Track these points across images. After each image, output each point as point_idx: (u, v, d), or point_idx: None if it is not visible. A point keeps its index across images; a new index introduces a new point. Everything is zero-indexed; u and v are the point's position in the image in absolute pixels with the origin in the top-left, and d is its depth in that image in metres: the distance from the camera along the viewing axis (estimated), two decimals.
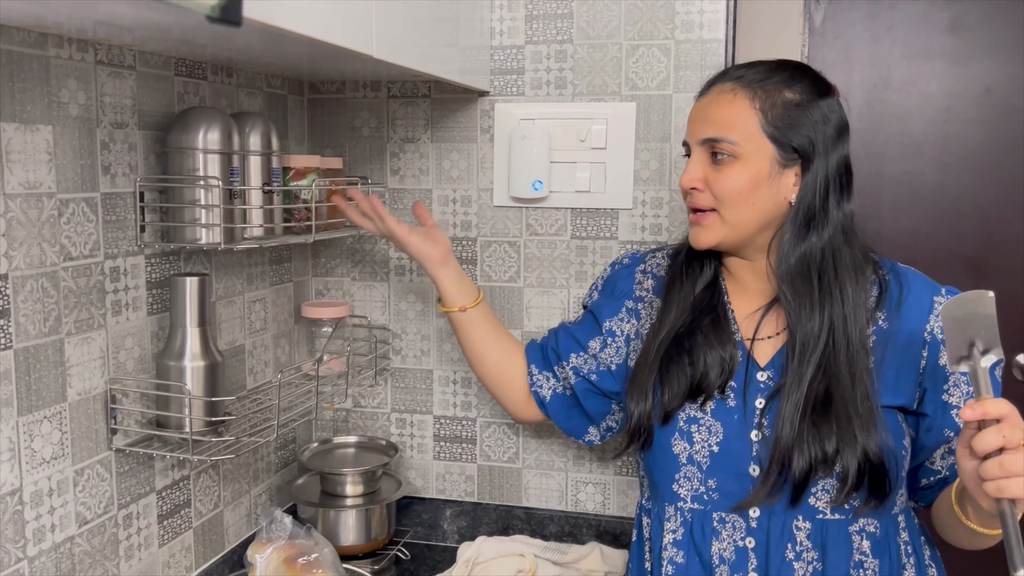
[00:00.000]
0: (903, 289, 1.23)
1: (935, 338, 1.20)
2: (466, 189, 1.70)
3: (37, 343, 1.11)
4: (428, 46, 1.41)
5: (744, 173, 1.18)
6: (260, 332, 1.62)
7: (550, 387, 1.43)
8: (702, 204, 1.21)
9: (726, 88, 1.21)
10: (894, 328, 1.21)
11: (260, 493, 1.64)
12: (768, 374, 1.23)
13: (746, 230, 1.21)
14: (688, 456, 1.23)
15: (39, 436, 1.12)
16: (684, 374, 1.24)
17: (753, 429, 1.21)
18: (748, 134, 1.18)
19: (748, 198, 1.19)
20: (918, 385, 1.21)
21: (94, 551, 1.22)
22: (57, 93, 1.12)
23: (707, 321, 1.26)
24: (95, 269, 1.20)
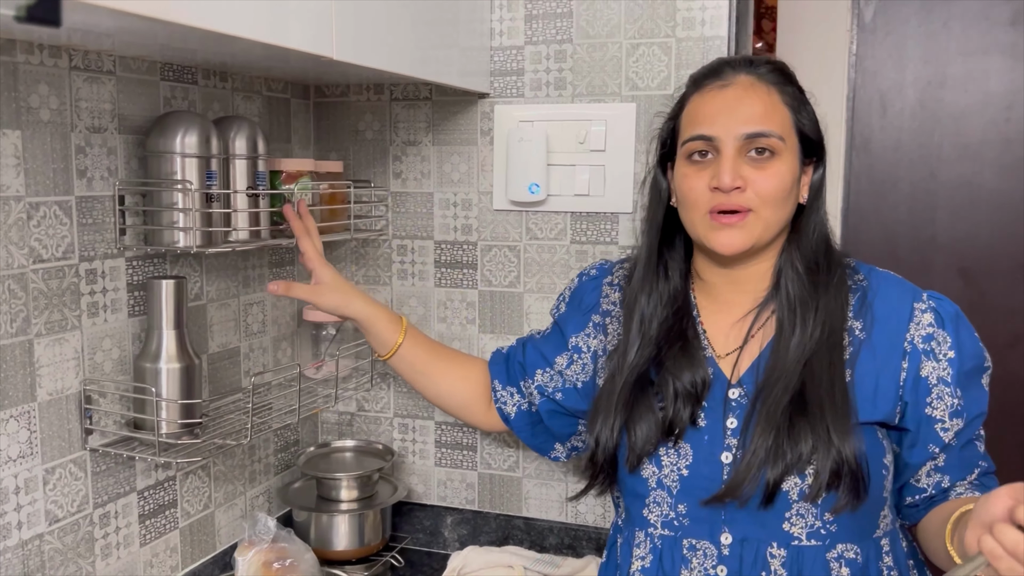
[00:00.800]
0: (880, 296, 1.17)
1: (916, 348, 1.14)
2: (467, 193, 1.67)
3: (3, 343, 1.13)
4: (426, 49, 1.40)
5: (787, 170, 1.13)
6: (258, 335, 1.63)
7: (515, 403, 1.39)
8: (742, 204, 1.12)
9: (752, 82, 1.15)
10: (872, 338, 1.15)
11: (257, 495, 1.65)
12: (740, 391, 1.16)
13: (774, 232, 1.16)
14: (657, 480, 1.18)
15: (4, 435, 1.14)
16: (654, 415, 1.17)
17: (723, 451, 1.15)
18: (786, 130, 1.14)
19: (787, 197, 1.14)
20: (898, 399, 1.13)
21: (66, 549, 1.23)
22: (26, 98, 1.14)
23: (676, 348, 1.19)
24: (68, 271, 1.22)
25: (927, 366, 1.13)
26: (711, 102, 1.15)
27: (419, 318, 1.73)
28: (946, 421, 1.14)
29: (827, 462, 1.07)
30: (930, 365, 1.13)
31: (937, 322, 1.14)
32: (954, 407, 1.13)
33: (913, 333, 1.14)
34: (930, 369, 1.13)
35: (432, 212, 1.70)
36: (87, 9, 0.80)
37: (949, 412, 1.13)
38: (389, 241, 1.74)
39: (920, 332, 1.14)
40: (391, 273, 1.75)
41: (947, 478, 1.16)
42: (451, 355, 1.45)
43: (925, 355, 1.13)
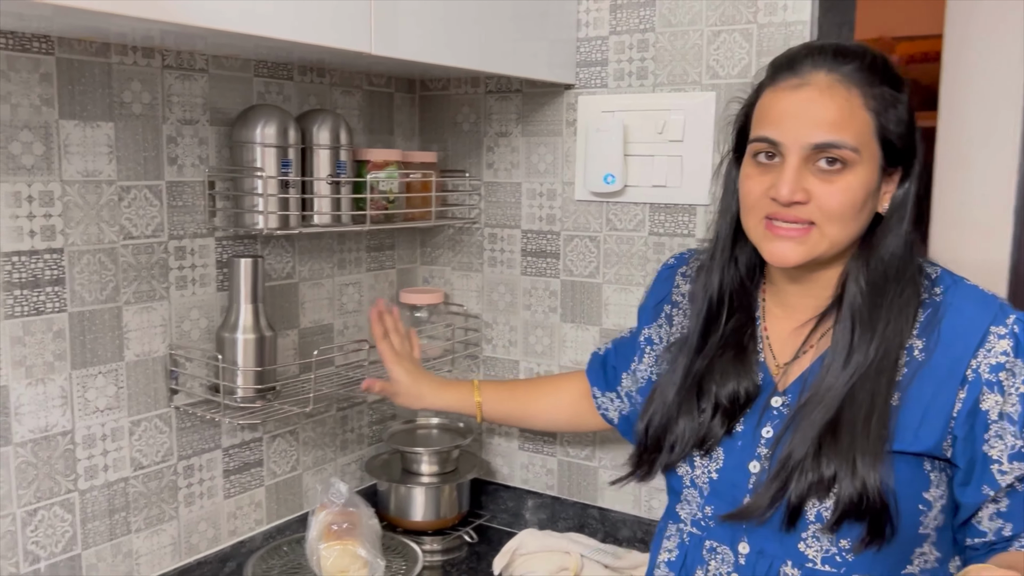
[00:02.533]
0: (952, 313, 1.04)
1: (980, 377, 1.01)
2: (551, 183, 1.70)
3: (93, 308, 1.30)
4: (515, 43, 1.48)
5: (859, 184, 1.03)
6: (353, 313, 1.74)
7: (616, 409, 1.40)
8: (803, 217, 1.04)
9: (831, 83, 1.03)
10: (931, 360, 1.03)
11: (349, 463, 1.76)
12: (785, 399, 1.11)
13: (840, 247, 1.06)
14: (691, 480, 1.16)
15: (93, 388, 1.31)
16: (692, 422, 1.14)
17: (753, 460, 1.10)
18: (864, 139, 1.03)
19: (859, 213, 1.04)
20: (947, 431, 1.02)
21: (149, 492, 1.40)
22: (119, 94, 1.30)
23: (729, 353, 1.15)
24: (158, 248, 1.37)
25: (989, 399, 1.00)
26: (782, 102, 1.05)
27: (506, 305, 1.78)
28: (1004, 463, 1.00)
29: (850, 491, 1.00)
30: (993, 399, 1.00)
31: (1016, 351, 1.01)
32: (1016, 449, 1.00)
33: (981, 360, 1.01)
34: (993, 403, 1.00)
35: (520, 202, 1.74)
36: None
37: (1009, 454, 1.00)
38: (482, 229, 1.79)
39: (990, 360, 1.01)
40: (483, 260, 1.80)
41: (1010, 526, 1.03)
42: (539, 390, 1.50)
43: (989, 387, 1.00)
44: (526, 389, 1.50)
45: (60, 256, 1.25)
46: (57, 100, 1.23)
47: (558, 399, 1.45)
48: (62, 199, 1.24)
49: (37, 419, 1.24)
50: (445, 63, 1.37)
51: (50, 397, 1.25)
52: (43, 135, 1.22)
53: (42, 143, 1.22)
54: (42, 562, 1.26)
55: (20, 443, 1.23)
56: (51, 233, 1.24)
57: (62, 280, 1.26)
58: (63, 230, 1.25)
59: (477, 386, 1.48)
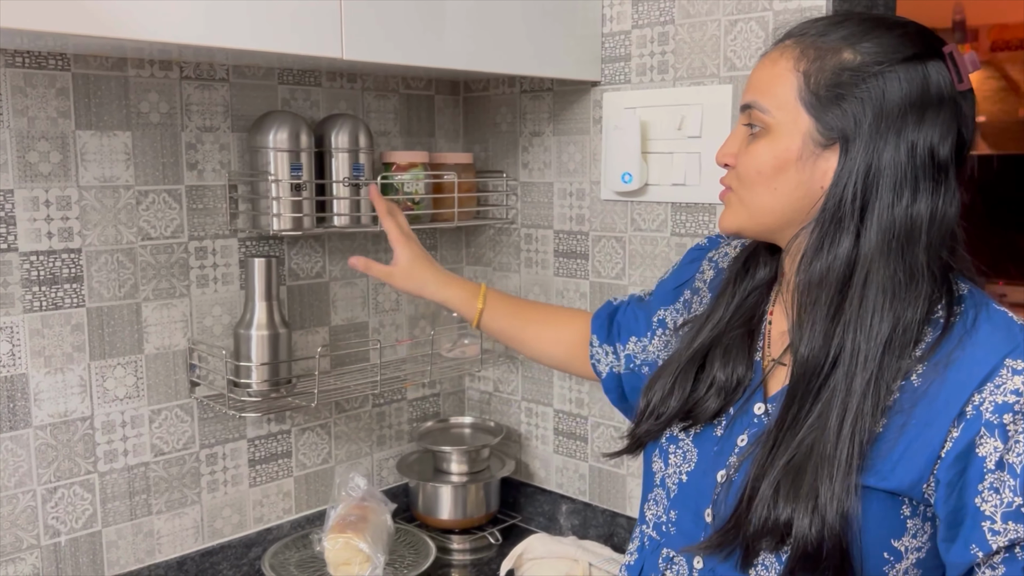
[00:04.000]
0: (969, 339, 0.89)
1: (981, 415, 0.85)
2: (580, 182, 1.67)
3: (111, 304, 1.40)
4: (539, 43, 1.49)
5: (768, 150, 0.95)
6: (391, 312, 1.78)
7: (607, 363, 1.30)
8: (727, 183, 1.02)
9: (787, 46, 0.97)
10: (930, 389, 0.88)
11: (387, 458, 1.80)
12: (769, 407, 1.01)
13: (767, 220, 0.98)
14: (661, 478, 1.09)
15: (112, 378, 1.41)
16: (684, 395, 1.06)
17: (721, 469, 1.02)
18: (782, 102, 0.94)
19: (770, 181, 0.96)
20: (930, 472, 0.87)
21: (171, 477, 1.49)
22: (137, 105, 1.40)
23: (736, 334, 1.07)
24: (178, 248, 1.46)
25: (988, 444, 0.85)
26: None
27: None
28: (997, 522, 0.85)
29: (805, 533, 0.89)
30: (992, 444, 0.85)
31: None
32: (1014, 507, 0.84)
33: (986, 396, 0.85)
34: (991, 449, 0.85)
35: (552, 201, 1.72)
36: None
37: (1004, 512, 0.84)
38: (518, 229, 1.79)
39: (996, 397, 0.85)
40: (520, 261, 1.79)
41: None
42: (543, 317, 1.41)
43: (990, 429, 0.85)
44: (530, 314, 1.40)
45: (78, 255, 1.36)
46: (73, 112, 1.34)
47: (558, 334, 1.38)
48: (79, 203, 1.35)
49: (56, 405, 1.36)
50: (425, 64, 1.37)
51: (69, 385, 1.37)
52: (60, 144, 1.33)
53: (59, 152, 1.33)
54: (62, 536, 1.38)
55: (40, 426, 1.34)
56: (68, 234, 1.35)
57: (80, 278, 1.36)
58: (80, 231, 1.36)
59: (483, 292, 1.37)
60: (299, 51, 1.22)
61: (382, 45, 1.30)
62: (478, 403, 1.92)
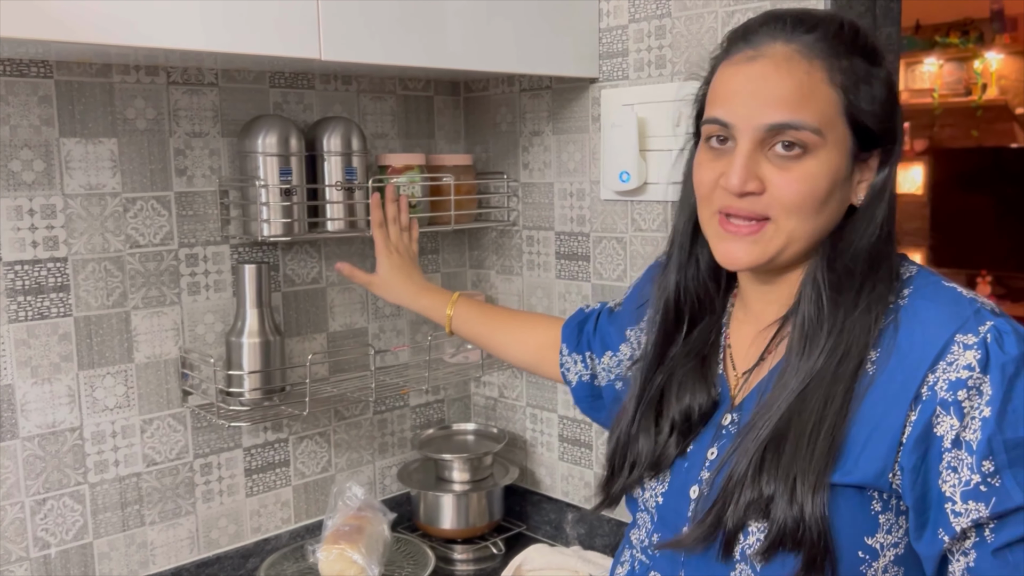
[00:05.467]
0: (913, 318, 0.88)
1: (936, 395, 0.83)
2: (580, 182, 1.62)
3: (99, 313, 1.38)
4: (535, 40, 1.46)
5: (823, 172, 0.89)
6: (391, 317, 1.75)
7: (577, 372, 1.28)
8: (758, 211, 0.91)
9: (789, 54, 0.89)
10: (882, 374, 0.87)
11: (390, 466, 1.77)
12: (734, 417, 0.98)
13: (803, 246, 0.92)
14: (643, 503, 1.06)
15: (101, 388, 1.39)
16: (649, 440, 1.03)
17: (694, 484, 0.98)
18: (829, 119, 0.88)
19: (823, 206, 0.90)
20: (894, 460, 0.85)
21: (164, 488, 1.47)
22: (122, 111, 1.38)
23: (691, 363, 1.03)
24: (167, 255, 1.45)
25: (944, 422, 0.83)
26: (733, 78, 0.92)
27: (544, 310, 1.72)
28: (958, 502, 0.82)
29: (785, 515, 0.86)
30: (949, 422, 0.83)
31: (984, 365, 0.82)
32: (972, 485, 0.81)
33: (939, 375, 0.83)
34: (948, 427, 0.83)
35: (553, 202, 1.67)
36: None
37: (963, 491, 0.82)
38: (520, 231, 1.75)
39: (950, 375, 0.83)
40: (522, 264, 1.75)
41: None
42: (512, 323, 1.41)
43: (945, 407, 0.83)
44: (500, 319, 1.42)
45: (64, 264, 1.34)
46: (57, 119, 1.32)
47: (526, 338, 1.37)
48: (64, 211, 1.34)
49: (44, 415, 1.34)
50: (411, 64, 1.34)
51: (57, 395, 1.35)
52: (43, 153, 1.31)
53: (42, 160, 1.31)
54: (52, 548, 1.36)
55: (27, 437, 1.33)
56: (54, 243, 1.33)
57: (66, 287, 1.35)
58: (66, 240, 1.34)
59: (454, 300, 1.41)
60: (275, 52, 1.19)
61: (364, 45, 1.27)
62: (484, 409, 1.88)
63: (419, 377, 1.66)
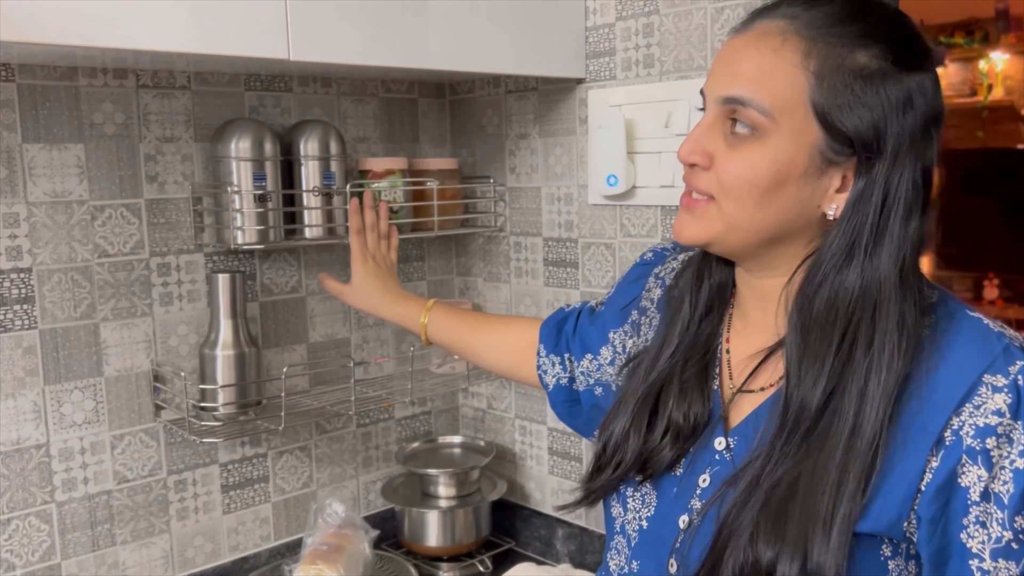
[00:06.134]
0: (941, 353, 0.80)
1: (961, 441, 0.76)
2: (568, 186, 1.57)
3: (66, 325, 1.33)
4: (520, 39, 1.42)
5: (766, 159, 0.82)
6: (374, 327, 1.70)
7: (554, 375, 1.20)
8: (701, 187, 0.86)
9: (773, 28, 0.83)
10: (904, 414, 0.79)
11: (374, 481, 1.72)
12: (730, 442, 0.91)
13: (749, 237, 0.86)
14: (621, 525, 0.99)
15: (69, 403, 1.34)
16: (639, 442, 0.96)
17: (684, 513, 0.91)
18: (787, 104, 0.81)
19: (765, 196, 0.83)
20: (910, 508, 0.78)
21: (136, 506, 1.42)
22: (90, 116, 1.33)
23: (692, 369, 0.96)
24: (138, 265, 1.39)
25: (971, 472, 0.76)
26: (720, 52, 0.88)
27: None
28: (986, 560, 0.76)
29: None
30: (976, 472, 0.76)
31: (1012, 410, 0.76)
32: (1003, 543, 0.75)
33: (965, 418, 0.76)
34: (975, 478, 0.76)
35: (540, 207, 1.62)
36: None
37: (993, 548, 0.76)
38: (507, 238, 1.69)
39: (977, 420, 0.76)
40: (509, 271, 1.70)
41: None
42: (487, 327, 1.35)
43: (972, 456, 0.76)
44: (474, 324, 1.36)
45: (28, 275, 1.29)
46: (20, 125, 1.27)
47: (502, 341, 1.30)
48: (28, 220, 1.29)
49: (8, 432, 1.29)
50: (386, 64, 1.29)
51: (21, 411, 1.30)
52: (5, 160, 1.26)
53: (4, 167, 1.26)
54: (18, 570, 1.31)
55: None
56: (17, 253, 1.28)
57: (31, 298, 1.30)
58: (30, 250, 1.29)
59: (428, 307, 1.36)
60: (241, 52, 1.14)
61: (337, 45, 1.22)
62: (472, 421, 1.82)
63: (403, 389, 1.60)
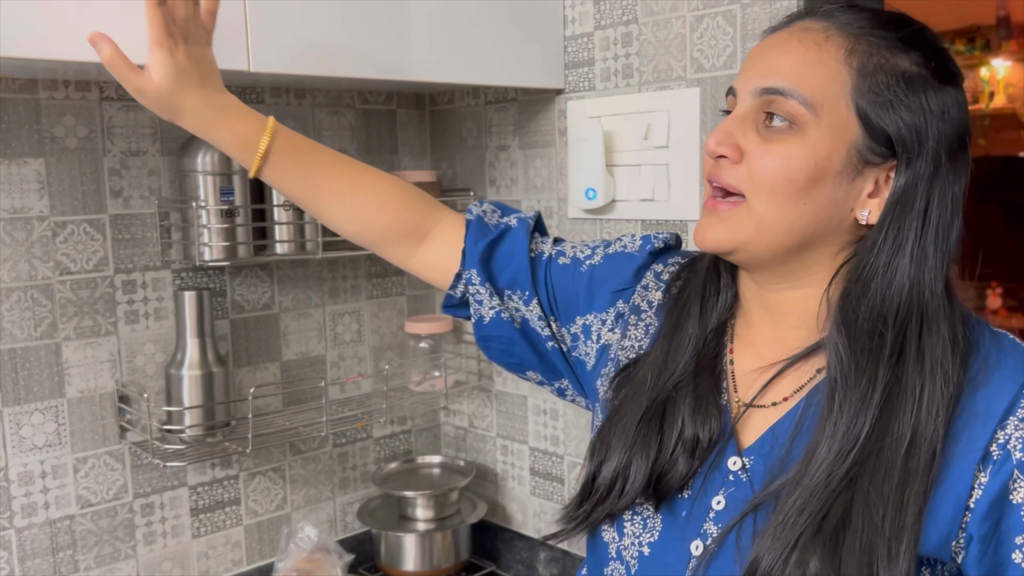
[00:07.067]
0: (979, 372, 0.78)
1: (1009, 456, 0.74)
2: (548, 199, 1.52)
3: (25, 345, 1.29)
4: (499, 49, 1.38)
5: (805, 152, 0.78)
6: (351, 344, 1.65)
7: (492, 307, 1.04)
8: (730, 183, 0.81)
9: (815, 27, 0.81)
10: (952, 430, 0.77)
11: (352, 502, 1.67)
12: (746, 461, 0.85)
13: (779, 239, 0.81)
14: (616, 550, 0.92)
15: (28, 425, 1.30)
16: (647, 462, 0.89)
17: (696, 539, 0.85)
18: (828, 97, 0.78)
19: (801, 192, 0.79)
20: (959, 527, 0.75)
21: (100, 531, 1.37)
22: (50, 129, 1.29)
23: (704, 381, 0.90)
24: (102, 282, 1.35)
25: (1023, 489, 0.74)
26: (755, 48, 0.85)
27: None
28: None
29: None
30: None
31: None
32: None
33: (1011, 432, 0.74)
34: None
35: None
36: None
37: None
38: None
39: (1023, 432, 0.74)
40: None
41: None
42: (350, 187, 1.06)
43: (1023, 470, 0.74)
44: (331, 177, 1.05)
45: None
46: None
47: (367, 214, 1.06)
48: None
49: None
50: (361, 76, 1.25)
51: None
52: None
53: None
54: None
55: None
56: None
57: None
58: None
59: (270, 129, 1.00)
60: None
61: (302, 56, 1.18)
62: (453, 440, 1.77)
63: (380, 408, 1.56)
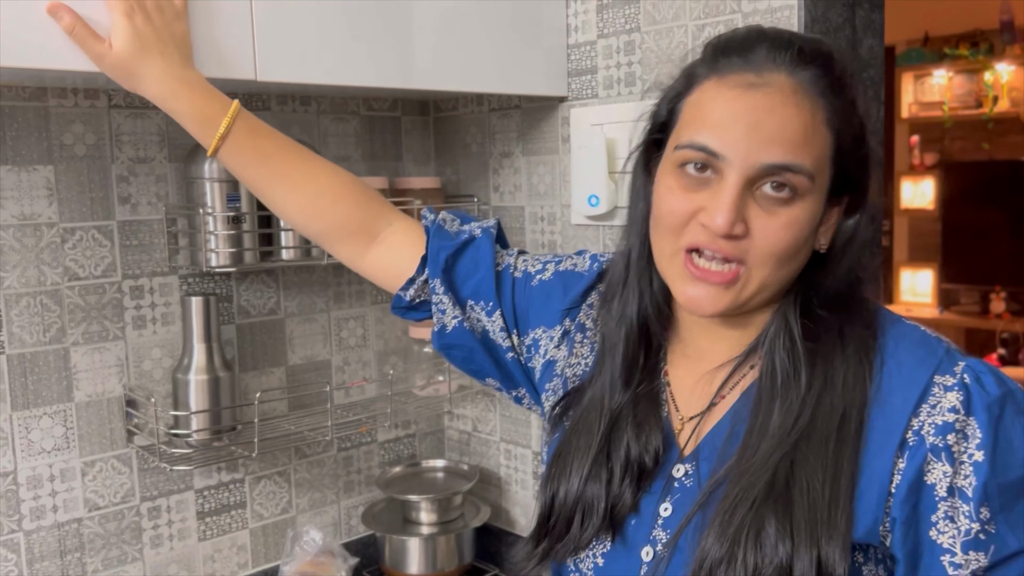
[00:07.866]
0: (891, 363, 0.82)
1: (923, 441, 0.78)
2: (551, 206, 1.54)
3: (35, 350, 1.31)
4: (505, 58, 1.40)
5: (806, 218, 0.81)
6: (356, 348, 1.67)
7: (454, 316, 1.06)
8: (732, 255, 0.81)
9: (795, 88, 0.80)
10: (869, 419, 0.81)
11: (356, 505, 1.68)
12: (688, 468, 0.88)
13: (771, 292, 0.84)
14: (575, 563, 0.94)
15: (37, 429, 1.32)
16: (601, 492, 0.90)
17: (646, 544, 0.87)
18: (822, 164, 0.81)
19: (798, 253, 0.83)
20: (884, 511, 0.78)
21: (108, 534, 1.39)
22: (59, 137, 1.31)
23: (644, 405, 0.92)
24: (110, 288, 1.37)
25: (936, 470, 0.77)
26: (731, 104, 0.80)
27: None
28: (957, 553, 0.77)
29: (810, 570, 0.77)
30: (941, 469, 0.77)
31: (965, 406, 0.78)
32: (972, 534, 0.76)
33: (924, 419, 0.78)
34: (940, 474, 0.77)
35: (524, 227, 1.59)
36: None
37: (964, 541, 0.76)
38: None
39: (935, 418, 0.78)
40: None
41: None
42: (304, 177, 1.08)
43: (936, 454, 0.77)
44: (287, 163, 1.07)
45: None
46: None
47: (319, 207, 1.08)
48: None
49: None
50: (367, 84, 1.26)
51: None
52: None
53: None
54: None
55: None
56: None
57: None
58: None
59: (233, 112, 1.02)
60: (207, 74, 1.11)
61: (308, 65, 1.20)
62: (457, 444, 1.79)
63: (385, 413, 1.57)
